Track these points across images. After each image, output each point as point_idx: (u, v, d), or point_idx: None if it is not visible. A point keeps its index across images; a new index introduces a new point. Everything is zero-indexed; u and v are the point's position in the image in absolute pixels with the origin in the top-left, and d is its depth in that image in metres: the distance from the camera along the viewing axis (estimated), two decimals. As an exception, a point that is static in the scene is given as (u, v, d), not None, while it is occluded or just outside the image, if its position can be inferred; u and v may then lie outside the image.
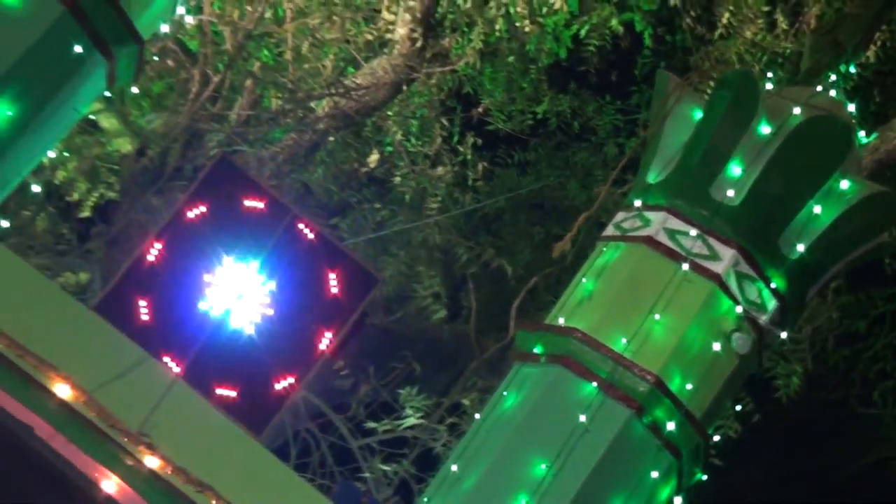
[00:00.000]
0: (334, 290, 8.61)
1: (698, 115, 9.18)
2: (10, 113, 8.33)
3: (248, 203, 8.72)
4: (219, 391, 8.30)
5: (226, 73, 14.25)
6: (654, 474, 8.32)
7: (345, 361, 13.64)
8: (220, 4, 14.20)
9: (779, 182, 8.81)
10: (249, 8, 14.34)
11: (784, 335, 9.22)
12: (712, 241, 8.70)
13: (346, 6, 15.07)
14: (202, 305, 8.46)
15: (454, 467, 8.38)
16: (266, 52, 15.32)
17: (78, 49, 8.52)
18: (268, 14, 14.53)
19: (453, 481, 8.30)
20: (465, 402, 13.04)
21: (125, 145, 14.79)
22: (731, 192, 8.78)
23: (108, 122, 14.68)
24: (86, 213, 15.13)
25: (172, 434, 7.90)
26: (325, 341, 8.52)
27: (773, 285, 8.82)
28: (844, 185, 8.94)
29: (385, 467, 13.66)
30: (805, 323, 11.97)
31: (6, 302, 7.97)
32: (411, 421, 14.07)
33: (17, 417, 7.51)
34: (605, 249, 9.02)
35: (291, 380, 8.42)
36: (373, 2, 15.44)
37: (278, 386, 8.39)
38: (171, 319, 8.39)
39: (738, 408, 12.11)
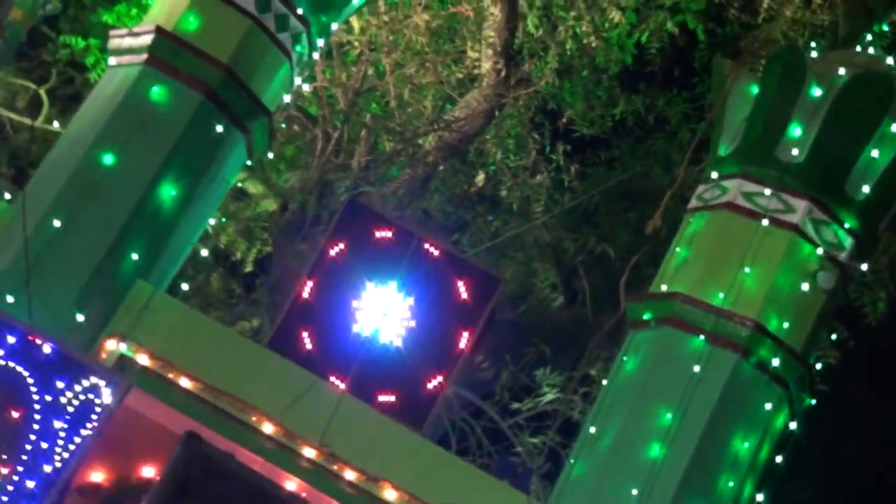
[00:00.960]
0: (464, 296, 8.69)
1: (755, 90, 9.08)
2: (173, 193, 8.54)
3: (378, 234, 8.83)
4: (381, 398, 8.43)
5: (343, 128, 14.41)
6: (768, 406, 8.25)
7: (483, 355, 13.68)
8: (330, 71, 14.41)
9: (836, 135, 8.69)
10: (354, 69, 14.55)
11: (864, 267, 9.10)
12: (785, 196, 8.60)
13: (436, 52, 15.22)
14: (355, 328, 8.58)
15: (592, 429, 8.39)
16: (374, 104, 15.52)
17: (219, 129, 8.70)
18: (370, 71, 14.71)
19: (593, 441, 8.31)
20: (593, 372, 13.01)
21: (270, 205, 15.05)
22: (795, 151, 8.67)
23: (253, 187, 14.98)
24: (249, 268, 15.42)
25: (348, 440, 8.03)
26: (464, 341, 8.60)
27: (846, 226, 8.70)
28: (895, 128, 8.83)
29: (533, 440, 13.65)
30: (881, 254, 11.76)
31: (197, 352, 8.22)
32: (549, 396, 14.10)
33: (220, 448, 7.67)
34: (691, 220, 8.96)
35: (440, 378, 8.52)
36: (458, 44, 15.60)
37: (430, 385, 8.50)
38: (331, 344, 8.54)
39: (834, 337, 11.95)
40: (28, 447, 7.49)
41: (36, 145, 15.01)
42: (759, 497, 8.37)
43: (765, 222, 8.54)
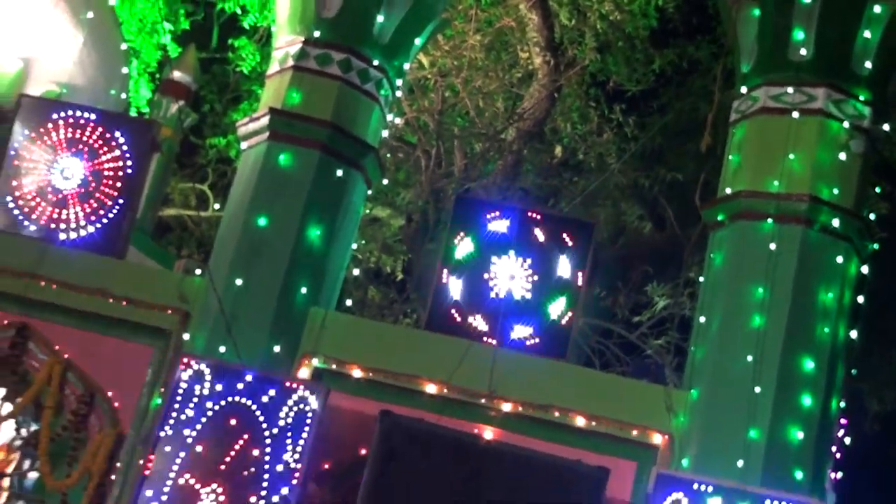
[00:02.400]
0: (570, 244, 8.60)
1: (757, 13, 8.88)
2: (318, 232, 8.62)
3: (489, 216, 8.78)
4: (527, 343, 8.39)
5: (438, 144, 14.54)
6: (839, 259, 8.12)
7: (599, 286, 13.73)
8: (415, 103, 14.52)
9: (831, 28, 8.50)
10: (433, 95, 14.64)
11: (885, 127, 8.88)
12: (805, 89, 8.46)
13: (495, 63, 15.28)
14: (490, 294, 8.55)
15: (701, 319, 8.31)
16: (458, 118, 15.61)
17: (339, 173, 8.77)
18: (447, 93, 14.82)
19: (705, 328, 8.24)
20: (692, 276, 12.88)
21: (398, 221, 15.25)
22: (803, 52, 8.51)
23: (381, 211, 15.18)
24: (399, 276, 15.57)
25: (511, 384, 8.05)
26: (580, 279, 8.52)
27: (861, 98, 8.53)
28: (877, 9, 8.58)
29: (658, 342, 13.65)
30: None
31: (372, 349, 8.38)
32: (661, 304, 14.14)
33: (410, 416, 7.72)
34: (735, 131, 8.82)
35: (569, 315, 8.45)
36: (511, 51, 15.66)
37: (563, 322, 8.43)
38: (475, 312, 8.50)
39: (878, 190, 11.63)
40: (266, 466, 7.62)
41: (212, 231, 15.35)
42: (853, 334, 8.24)
43: (795, 115, 8.40)
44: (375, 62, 9.00)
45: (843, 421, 8.23)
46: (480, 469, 7.32)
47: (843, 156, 8.35)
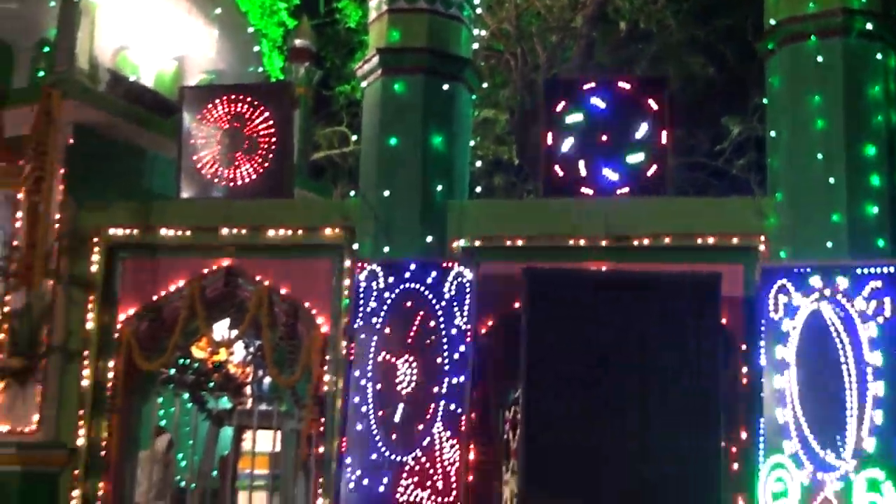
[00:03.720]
0: (654, 107, 8.25)
1: None
2: (439, 139, 8.56)
3: (582, 88, 8.53)
4: (629, 191, 8.25)
5: (521, 45, 14.23)
6: (879, 56, 7.75)
7: (683, 129, 13.34)
8: (496, 15, 14.18)
9: None
10: (508, 4, 14.22)
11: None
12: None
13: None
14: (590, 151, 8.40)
15: (772, 133, 8.01)
16: (532, 20, 15.26)
17: (445, 87, 8.64)
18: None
19: (776, 141, 7.97)
20: (756, 101, 12.43)
21: (504, 116, 15.18)
22: None
23: (487, 111, 15.09)
24: (516, 162, 15.47)
25: (627, 224, 8.00)
26: (664, 137, 8.22)
27: None
28: None
29: (741, 162, 13.34)
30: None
31: (505, 221, 8.35)
32: (736, 130, 13.76)
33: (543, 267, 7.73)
34: None
35: (655, 167, 8.23)
36: None
37: (650, 173, 8.22)
38: (580, 169, 8.40)
39: None
40: (443, 333, 7.73)
41: (356, 162, 15.50)
42: None
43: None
44: (455, -10, 8.84)
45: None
46: (614, 295, 7.30)
47: None
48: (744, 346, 7.50)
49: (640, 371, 7.06)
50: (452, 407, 7.61)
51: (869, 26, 7.67)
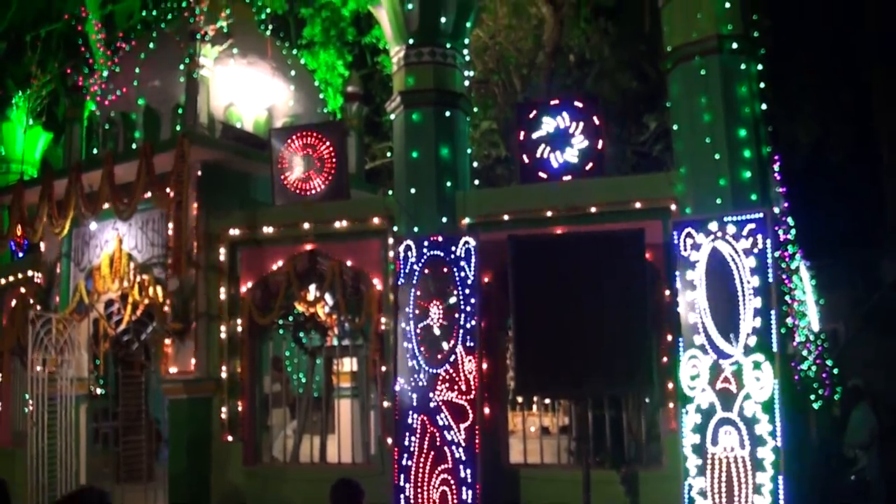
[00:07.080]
0: (596, 120, 8.10)
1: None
2: (446, 151, 8.29)
3: (550, 105, 8.29)
4: (573, 175, 8.05)
5: (501, 77, 13.89)
6: (743, 67, 7.37)
7: (616, 127, 12.96)
8: (481, 57, 13.81)
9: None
10: (489, 50, 13.89)
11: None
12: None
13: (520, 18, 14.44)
14: (544, 153, 8.23)
15: (675, 126, 7.73)
16: (511, 59, 14.88)
17: (447, 114, 8.39)
18: (497, 47, 14.14)
19: (678, 132, 7.68)
20: (668, 104, 11.96)
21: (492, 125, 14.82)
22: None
23: (486, 124, 14.69)
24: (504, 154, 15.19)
25: (568, 199, 7.80)
26: (600, 140, 8.08)
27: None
28: None
29: (658, 147, 12.84)
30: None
31: (500, 204, 8.18)
32: (654, 125, 13.18)
33: (523, 234, 7.53)
34: (664, 11, 7.80)
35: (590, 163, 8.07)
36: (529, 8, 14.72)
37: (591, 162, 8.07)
38: (540, 166, 8.23)
39: (755, 17, 10.06)
40: (458, 283, 7.54)
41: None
42: (763, 106, 7.50)
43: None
44: (448, 45, 8.64)
45: (776, 158, 7.72)
46: (572, 249, 7.19)
47: (727, 4, 7.35)
48: (665, 275, 7.44)
49: (593, 298, 6.99)
50: (469, 333, 7.62)
51: (735, 45, 7.41)
